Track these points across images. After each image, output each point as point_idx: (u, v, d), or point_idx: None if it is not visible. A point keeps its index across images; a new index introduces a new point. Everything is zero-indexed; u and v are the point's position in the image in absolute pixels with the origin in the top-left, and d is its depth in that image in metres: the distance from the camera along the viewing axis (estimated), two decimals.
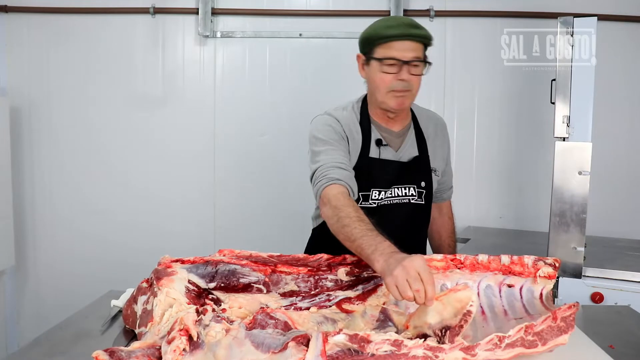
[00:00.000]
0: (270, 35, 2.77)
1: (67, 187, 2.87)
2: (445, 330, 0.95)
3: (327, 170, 1.37)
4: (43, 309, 2.87)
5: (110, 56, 2.81)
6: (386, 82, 1.44)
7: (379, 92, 1.47)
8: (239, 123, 2.81)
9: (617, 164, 2.65)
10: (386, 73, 1.43)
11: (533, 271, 1.11)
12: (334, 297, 1.14)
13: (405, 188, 1.53)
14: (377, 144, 1.51)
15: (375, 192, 1.51)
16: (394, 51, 1.41)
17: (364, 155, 1.50)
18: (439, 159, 1.64)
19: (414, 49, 1.41)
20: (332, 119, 1.51)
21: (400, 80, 1.42)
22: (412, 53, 1.41)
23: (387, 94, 1.45)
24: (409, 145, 1.57)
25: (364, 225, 1.18)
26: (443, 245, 1.77)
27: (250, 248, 1.26)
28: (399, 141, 1.56)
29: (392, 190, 1.52)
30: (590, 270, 1.89)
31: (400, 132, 1.57)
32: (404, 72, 1.41)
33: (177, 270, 1.14)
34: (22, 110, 2.84)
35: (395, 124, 1.56)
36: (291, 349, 0.83)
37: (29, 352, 1.04)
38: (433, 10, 2.66)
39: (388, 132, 1.55)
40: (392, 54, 1.41)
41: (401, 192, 1.53)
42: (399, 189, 1.53)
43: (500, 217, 2.76)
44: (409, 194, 1.54)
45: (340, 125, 1.49)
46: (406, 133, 1.58)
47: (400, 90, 1.43)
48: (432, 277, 0.98)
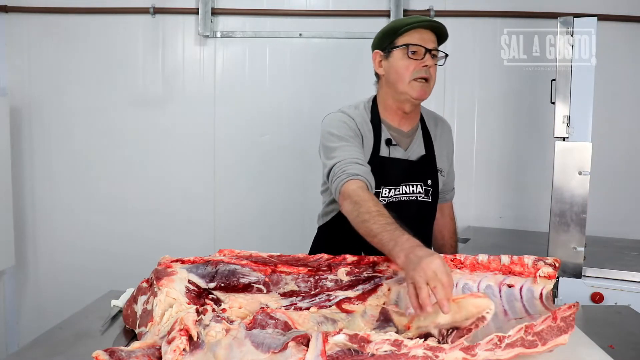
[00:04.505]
0: (270, 35, 2.76)
1: (67, 187, 2.87)
2: (452, 331, 0.95)
3: (345, 166, 1.38)
4: (43, 309, 2.87)
5: (110, 56, 2.81)
6: (410, 69, 1.48)
7: (402, 81, 1.49)
8: (239, 123, 2.81)
9: (617, 164, 2.65)
10: (411, 59, 1.47)
11: (533, 271, 1.11)
12: (334, 297, 1.14)
13: (412, 186, 1.56)
14: (387, 144, 1.54)
15: (385, 189, 1.53)
16: (418, 39, 1.47)
17: (375, 154, 1.53)
18: (444, 160, 1.66)
19: (433, 40, 1.50)
20: (346, 116, 1.53)
21: (424, 67, 1.47)
22: (433, 44, 1.49)
23: (410, 83, 1.49)
24: (417, 145, 1.60)
25: (384, 219, 1.19)
26: (445, 245, 1.80)
27: (250, 248, 1.26)
28: (408, 141, 1.59)
29: (400, 188, 1.55)
30: (590, 270, 1.89)
31: (410, 132, 1.60)
32: (427, 58, 1.47)
33: (177, 270, 1.14)
34: (22, 110, 2.84)
35: (406, 123, 1.59)
36: (291, 349, 0.83)
37: (29, 352, 1.04)
38: (433, 10, 2.66)
39: (397, 131, 1.58)
40: (416, 40, 1.47)
41: (409, 189, 1.56)
42: (407, 186, 1.56)
43: (500, 217, 2.76)
44: (416, 191, 1.57)
45: (354, 122, 1.52)
46: (414, 133, 1.61)
47: (423, 77, 1.48)
48: (450, 279, 0.97)
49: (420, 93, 1.49)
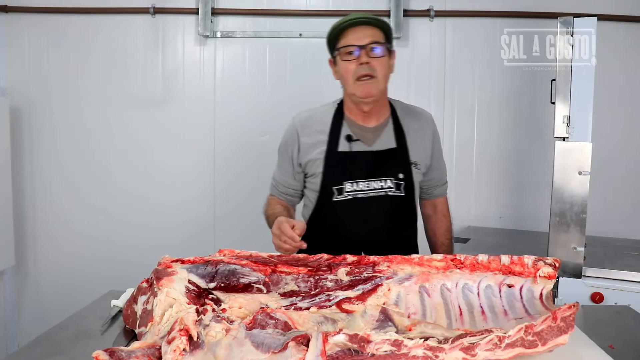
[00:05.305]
0: (270, 35, 2.76)
1: (67, 187, 2.87)
2: None
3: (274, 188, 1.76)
4: (43, 308, 2.87)
5: (110, 56, 2.81)
6: (350, 70, 1.52)
7: (347, 83, 1.54)
8: (239, 123, 2.81)
9: (617, 164, 2.65)
10: (348, 61, 1.51)
11: (533, 271, 1.11)
12: (334, 297, 1.13)
13: (381, 181, 1.58)
14: (347, 140, 1.58)
15: (348, 184, 1.56)
16: (352, 38, 1.51)
17: (332, 150, 1.58)
18: (421, 153, 1.64)
19: (370, 35, 1.51)
20: (293, 125, 1.66)
21: (363, 65, 1.50)
22: (369, 38, 1.50)
23: (354, 84, 1.52)
24: (386, 140, 1.61)
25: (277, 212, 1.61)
26: (437, 243, 1.77)
27: (250, 248, 1.26)
28: (374, 136, 1.61)
29: (367, 183, 1.56)
30: (590, 270, 1.89)
31: (376, 127, 1.61)
32: (363, 56, 1.49)
33: (177, 270, 1.14)
34: (22, 110, 2.84)
35: (371, 119, 1.61)
36: (291, 349, 0.83)
37: (29, 352, 1.04)
38: (433, 10, 2.66)
39: (361, 128, 1.61)
40: (350, 41, 1.51)
41: (377, 185, 1.57)
42: (375, 182, 1.57)
43: (500, 217, 2.75)
44: (385, 186, 1.58)
45: (296, 132, 1.64)
46: (383, 128, 1.62)
47: (365, 75, 1.50)
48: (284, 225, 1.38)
49: (365, 91, 1.51)
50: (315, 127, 1.62)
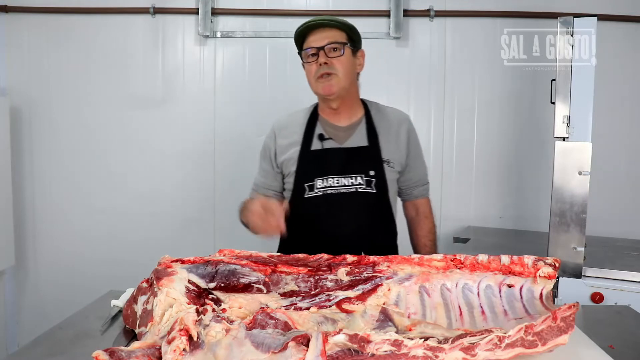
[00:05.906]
0: (270, 35, 2.77)
1: (67, 187, 2.87)
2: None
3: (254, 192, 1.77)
4: (43, 308, 2.87)
5: (110, 56, 2.81)
6: (312, 71, 1.59)
7: (310, 83, 1.61)
8: (239, 123, 2.81)
9: (617, 164, 2.65)
10: (309, 62, 1.59)
11: (533, 271, 1.10)
12: (334, 297, 1.13)
13: (352, 177, 1.60)
14: (320, 138, 1.62)
15: (319, 181, 1.60)
16: (311, 41, 1.59)
17: (305, 149, 1.62)
18: (394, 151, 1.65)
19: (328, 36, 1.57)
20: (272, 129, 1.71)
21: (321, 65, 1.56)
22: (327, 39, 1.57)
23: (315, 83, 1.59)
24: (358, 138, 1.64)
25: None
26: (420, 245, 1.75)
27: (250, 248, 1.26)
28: (346, 135, 1.64)
29: (338, 179, 1.59)
30: (590, 270, 1.89)
31: (349, 126, 1.65)
32: (322, 56, 1.56)
33: (177, 270, 1.14)
34: (22, 110, 2.84)
35: (342, 118, 1.66)
36: (291, 349, 0.83)
37: (29, 352, 1.04)
38: (433, 10, 2.66)
39: (333, 127, 1.65)
40: (308, 44, 1.59)
41: (347, 181, 1.60)
42: (346, 178, 1.60)
43: (500, 217, 2.75)
44: (355, 183, 1.59)
45: (273, 134, 1.69)
46: (356, 127, 1.65)
47: (325, 74, 1.56)
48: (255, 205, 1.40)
49: (326, 89, 1.57)
50: (291, 129, 1.68)
